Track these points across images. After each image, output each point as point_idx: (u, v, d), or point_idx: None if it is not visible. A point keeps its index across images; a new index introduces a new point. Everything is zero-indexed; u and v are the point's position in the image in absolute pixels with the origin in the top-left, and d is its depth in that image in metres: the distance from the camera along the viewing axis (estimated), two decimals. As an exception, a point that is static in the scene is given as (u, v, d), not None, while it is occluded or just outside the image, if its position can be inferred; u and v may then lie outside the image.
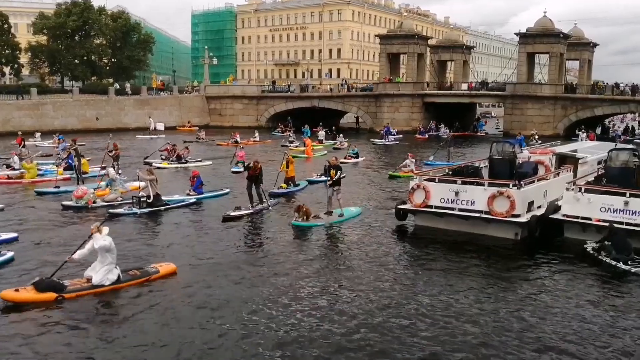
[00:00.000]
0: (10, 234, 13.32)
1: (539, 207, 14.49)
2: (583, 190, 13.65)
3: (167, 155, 27.46)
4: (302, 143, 35.28)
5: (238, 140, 36.98)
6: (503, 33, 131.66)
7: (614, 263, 11.58)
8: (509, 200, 13.43)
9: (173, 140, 30.86)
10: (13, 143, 29.33)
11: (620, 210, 13.06)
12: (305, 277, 10.91)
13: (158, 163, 26.09)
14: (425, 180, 14.97)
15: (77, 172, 20.59)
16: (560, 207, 14.19)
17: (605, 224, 12.76)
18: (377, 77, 67.51)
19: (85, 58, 63.79)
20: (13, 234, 13.36)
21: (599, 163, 18.19)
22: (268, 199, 17.24)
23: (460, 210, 14.15)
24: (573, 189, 13.82)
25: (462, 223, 14.23)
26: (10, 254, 11.61)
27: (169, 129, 48.11)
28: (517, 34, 53.24)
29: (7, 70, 63.33)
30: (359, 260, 12.07)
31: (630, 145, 21.46)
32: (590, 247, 12.66)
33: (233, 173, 23.99)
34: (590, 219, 13.36)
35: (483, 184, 14.47)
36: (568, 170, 17.05)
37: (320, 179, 20.65)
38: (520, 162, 16.88)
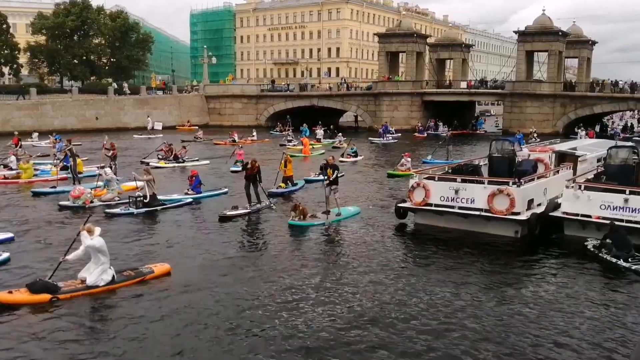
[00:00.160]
0: (6, 234, 13.22)
1: (539, 204, 14.47)
2: (583, 188, 13.63)
3: (163, 155, 27.40)
4: (300, 142, 34.93)
5: (236, 140, 36.93)
6: (503, 31, 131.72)
7: (614, 260, 11.56)
8: (509, 198, 13.41)
9: (171, 140, 30.83)
10: (9, 144, 29.19)
11: (620, 208, 13.05)
12: (304, 275, 10.86)
13: (155, 162, 26.07)
14: (425, 179, 14.95)
15: (72, 172, 20.55)
16: (560, 204, 14.19)
17: (605, 222, 12.75)
18: (376, 75, 67.47)
19: (84, 58, 63.79)
20: (9, 234, 13.26)
21: (599, 161, 18.15)
22: (267, 199, 17.19)
23: (460, 209, 14.12)
24: (573, 187, 13.80)
25: (462, 221, 14.20)
26: (6, 255, 11.52)
27: (169, 129, 48.22)
28: (516, 32, 53.33)
29: (6, 71, 63.28)
30: (359, 259, 12.01)
31: (630, 143, 21.42)
32: (591, 244, 12.64)
33: (232, 172, 23.93)
34: (590, 217, 13.35)
35: (483, 182, 14.47)
36: (568, 168, 17.04)
37: (318, 178, 20.59)
38: (520, 160, 16.89)
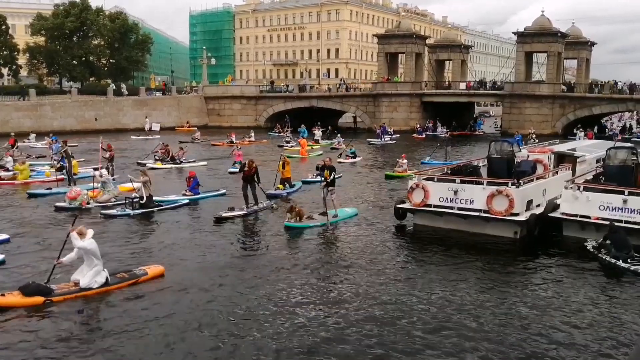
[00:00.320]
0: (2, 236, 13.13)
1: (538, 205, 14.47)
2: (582, 189, 13.65)
3: (160, 156, 27.30)
4: (298, 143, 34.82)
5: (233, 141, 36.83)
6: (502, 32, 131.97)
7: (614, 261, 11.56)
8: (508, 199, 13.41)
9: (169, 141, 30.70)
10: (6, 145, 29.09)
11: (619, 209, 13.06)
12: (299, 277, 10.82)
13: (151, 163, 26.02)
14: (424, 180, 14.95)
15: (68, 173, 20.46)
16: (559, 205, 14.19)
17: (604, 222, 12.76)
18: (375, 76, 67.49)
19: (84, 59, 63.78)
20: (5, 236, 13.16)
21: (598, 161, 18.18)
22: (266, 199, 17.16)
23: (459, 209, 14.12)
24: (572, 188, 13.81)
25: (461, 222, 14.20)
26: (1, 257, 11.46)
27: (168, 130, 48.16)
28: (515, 33, 53.35)
29: (5, 72, 63.24)
30: (358, 259, 12.00)
31: (629, 144, 21.46)
32: (591, 245, 12.65)
33: (230, 174, 23.90)
34: (589, 217, 13.36)
35: (482, 183, 14.47)
36: (567, 169, 17.06)
37: (316, 180, 20.57)
38: (519, 160, 16.90)
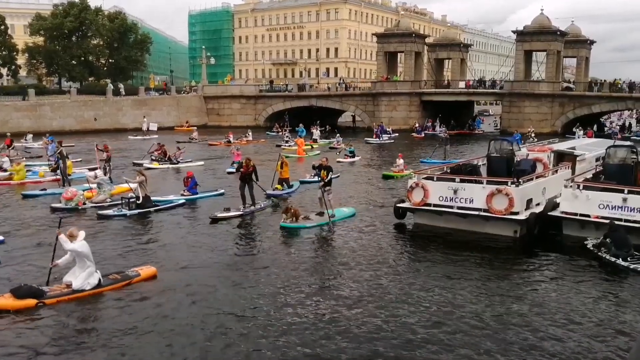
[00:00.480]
0: None
1: (538, 204, 14.51)
2: (581, 187, 13.68)
3: (156, 156, 27.22)
4: (295, 143, 34.59)
5: (231, 140, 36.76)
6: (501, 31, 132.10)
7: (614, 259, 11.61)
8: (508, 198, 13.44)
9: (168, 141, 30.61)
10: (2, 146, 28.99)
11: (619, 207, 13.09)
12: (297, 277, 10.77)
13: (148, 163, 25.98)
14: (424, 179, 14.97)
15: (62, 174, 20.41)
16: (559, 204, 14.21)
17: (604, 221, 12.80)
18: (374, 75, 67.47)
19: (83, 59, 63.76)
20: None
21: (597, 160, 18.21)
22: (264, 200, 17.17)
23: (459, 208, 14.15)
24: (571, 186, 13.85)
25: (461, 221, 14.23)
26: None
27: (167, 129, 48.11)
28: (514, 32, 53.42)
29: (4, 72, 63.20)
30: (357, 259, 12.02)
31: (629, 142, 21.47)
32: (591, 244, 12.68)
33: (228, 174, 23.84)
34: (589, 216, 13.40)
35: (482, 182, 14.51)
36: (566, 168, 17.08)
37: (313, 180, 20.49)
38: (519, 159, 16.92)
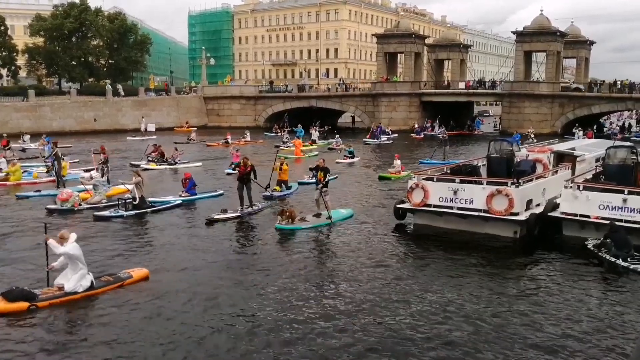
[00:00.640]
0: None
1: (538, 205, 14.51)
2: (581, 188, 13.68)
3: (153, 157, 27.16)
4: (293, 144, 34.37)
5: (229, 141, 36.67)
6: (501, 31, 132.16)
7: (614, 260, 11.61)
8: (508, 199, 13.43)
9: (166, 142, 30.51)
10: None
11: (619, 208, 13.09)
12: (293, 278, 10.73)
13: (145, 164, 25.96)
14: (424, 179, 14.96)
15: (57, 175, 20.34)
16: (559, 205, 14.21)
17: (604, 222, 12.80)
18: (374, 76, 67.48)
19: (83, 59, 63.72)
20: None
21: (597, 161, 18.21)
22: (263, 201, 17.10)
23: (459, 209, 14.14)
24: (571, 187, 13.84)
25: (461, 222, 14.23)
26: None
27: (167, 130, 48.12)
28: (514, 33, 53.42)
29: (4, 72, 63.20)
30: (357, 260, 12.02)
31: (629, 143, 21.47)
32: (591, 244, 12.68)
33: (227, 175, 23.79)
34: (589, 217, 13.39)
35: (481, 183, 14.50)
36: (566, 168, 17.08)
37: (311, 181, 20.39)
38: (519, 160, 16.91)
